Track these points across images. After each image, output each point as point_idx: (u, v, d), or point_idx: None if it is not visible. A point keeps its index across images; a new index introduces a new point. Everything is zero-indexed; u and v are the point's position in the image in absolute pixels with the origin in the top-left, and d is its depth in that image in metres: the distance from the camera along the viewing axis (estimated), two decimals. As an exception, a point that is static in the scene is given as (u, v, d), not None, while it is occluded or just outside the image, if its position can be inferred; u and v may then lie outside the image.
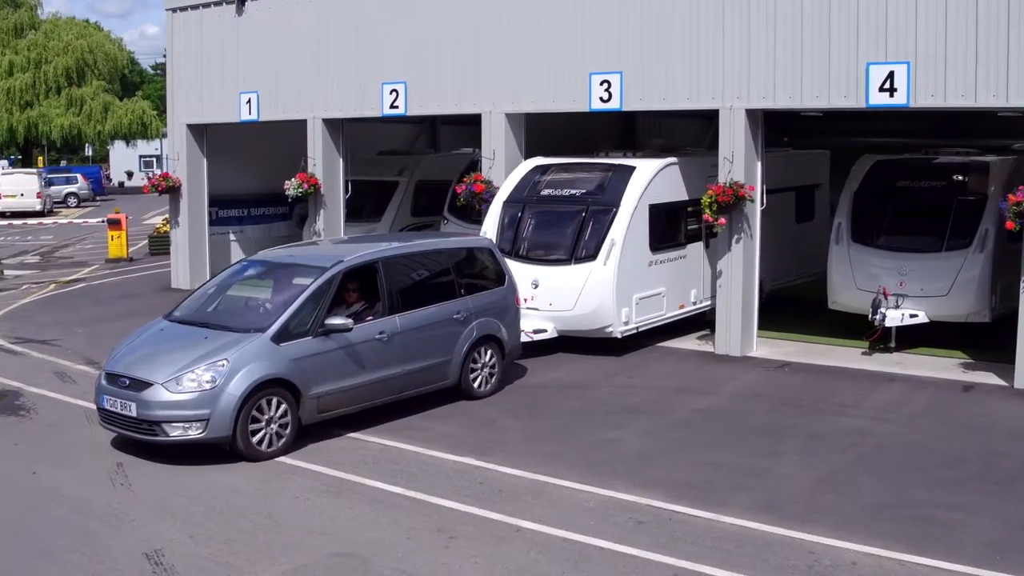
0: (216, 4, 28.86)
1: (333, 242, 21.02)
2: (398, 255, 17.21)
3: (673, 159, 22.21)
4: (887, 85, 18.78)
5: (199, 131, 29.97)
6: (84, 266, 37.20)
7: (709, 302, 22.59)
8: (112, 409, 14.71)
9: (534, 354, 20.31)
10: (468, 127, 27.12)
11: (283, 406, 14.85)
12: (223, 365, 14.44)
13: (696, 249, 22.67)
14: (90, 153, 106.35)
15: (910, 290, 20.41)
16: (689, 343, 21.99)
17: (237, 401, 14.32)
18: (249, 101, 27.91)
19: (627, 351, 20.87)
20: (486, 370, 17.93)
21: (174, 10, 30.13)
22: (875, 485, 13.50)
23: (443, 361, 17.13)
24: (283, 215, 32.80)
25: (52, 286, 31.94)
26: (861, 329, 20.80)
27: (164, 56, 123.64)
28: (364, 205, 29.03)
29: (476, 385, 17.77)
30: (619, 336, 20.55)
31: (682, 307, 22.34)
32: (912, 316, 20.31)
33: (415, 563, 11.13)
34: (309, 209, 27.51)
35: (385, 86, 25.07)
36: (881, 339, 20.70)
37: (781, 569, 10.93)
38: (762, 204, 20.87)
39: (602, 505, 12.77)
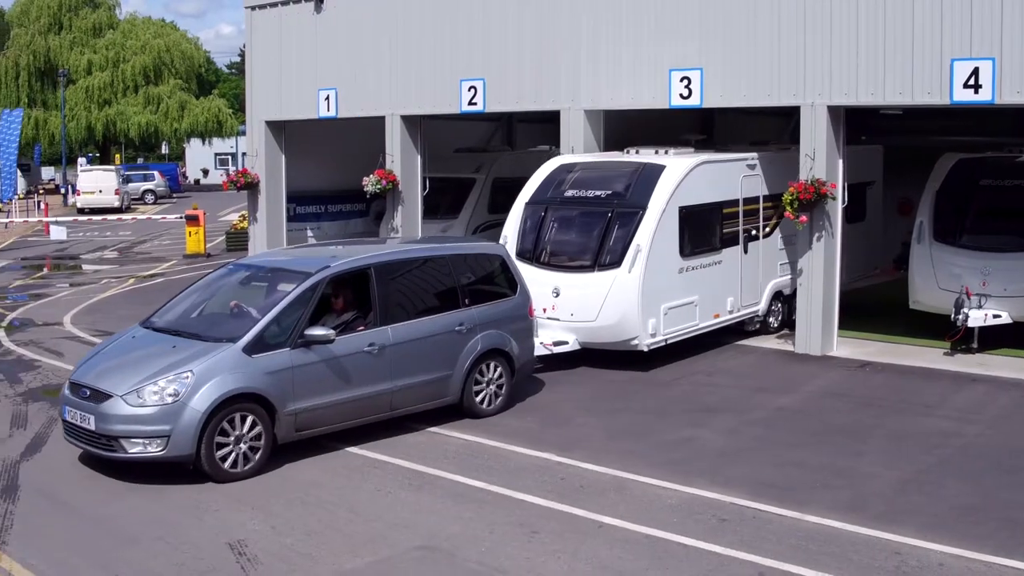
0: (295, 1, 29.03)
1: (335, 245, 19.50)
2: (394, 261, 16.06)
3: (706, 157, 21.02)
4: (971, 82, 18.52)
5: (278, 128, 30.18)
6: (162, 261, 37.61)
7: (749, 310, 21.76)
8: (72, 421, 13.85)
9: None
10: (544, 124, 27.08)
11: (254, 423, 13.76)
12: (187, 377, 13.40)
13: (733, 254, 21.23)
14: (166, 151, 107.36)
15: (993, 290, 20.12)
16: (769, 342, 21.82)
17: (201, 417, 13.27)
18: (328, 98, 28.04)
19: (705, 349, 20.73)
20: (492, 387, 16.65)
21: (253, 8, 30.35)
22: (961, 486, 13.31)
23: (442, 376, 15.92)
24: (360, 212, 32.90)
25: (131, 281, 32.32)
26: (943, 329, 20.52)
27: (239, 55, 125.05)
28: (441, 202, 29.04)
29: (480, 402, 16.48)
30: (645, 349, 19.12)
31: (717, 316, 20.89)
32: (995, 316, 20.00)
33: (498, 557, 11.12)
34: (386, 206, 27.61)
35: (463, 83, 25.10)
36: (963, 340, 20.39)
37: (867, 569, 10.80)
38: (843, 202, 20.65)
39: (684, 502, 12.69)
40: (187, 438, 13.27)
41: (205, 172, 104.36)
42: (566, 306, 19.27)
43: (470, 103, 25.13)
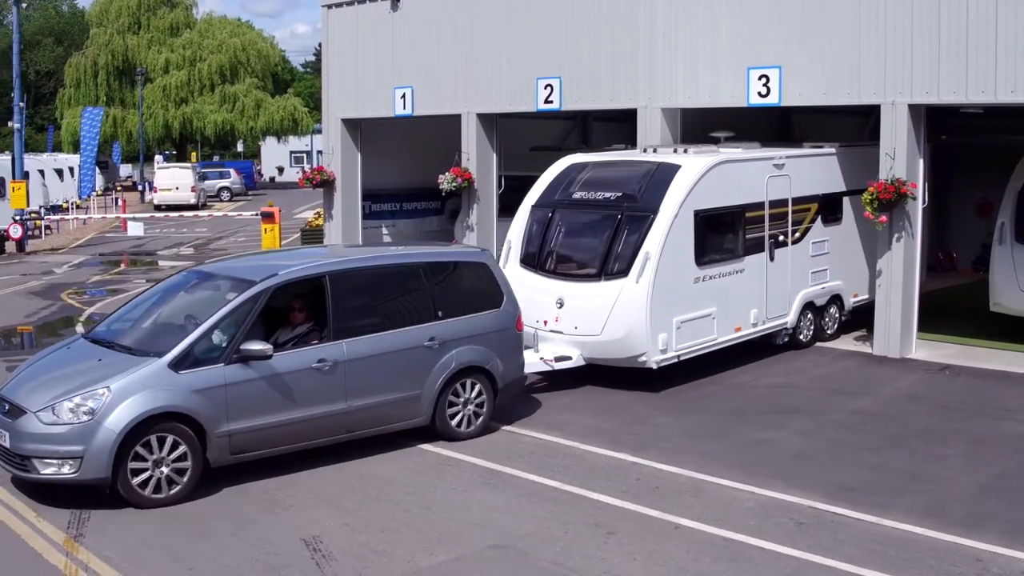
0: (371, 0, 29.10)
1: (300, 252, 18.39)
2: (353, 269, 14.87)
3: (726, 156, 19.43)
4: (1055, 80, 18.20)
5: (353, 125, 30.30)
6: (238, 258, 37.81)
7: (776, 323, 20.22)
8: None
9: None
10: (619, 124, 26.93)
11: (175, 444, 12.71)
12: (103, 394, 12.44)
13: (757, 262, 19.68)
14: (242, 149, 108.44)
15: None
16: (846, 343, 21.54)
17: (116, 437, 12.28)
18: (404, 96, 28.09)
19: (782, 350, 20.49)
20: (470, 407, 15.33)
21: (330, 6, 30.47)
22: (1045, 492, 13.08)
23: (409, 396, 14.69)
24: (435, 210, 32.94)
25: (208, 277, 32.45)
26: (1024, 332, 20.20)
27: (314, 54, 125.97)
28: (517, 200, 28.94)
29: (456, 425, 15.22)
30: (654, 367, 17.65)
31: (739, 330, 19.33)
32: None
33: (573, 557, 11.06)
34: (462, 204, 27.61)
35: (540, 81, 25.03)
36: (1046, 342, 20.07)
37: (948, 576, 10.65)
38: (924, 202, 20.35)
39: (761, 505, 12.58)
40: (102, 460, 12.28)
41: (280, 170, 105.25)
42: (570, 318, 17.99)
43: (546, 101, 25.07)
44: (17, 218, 41.49)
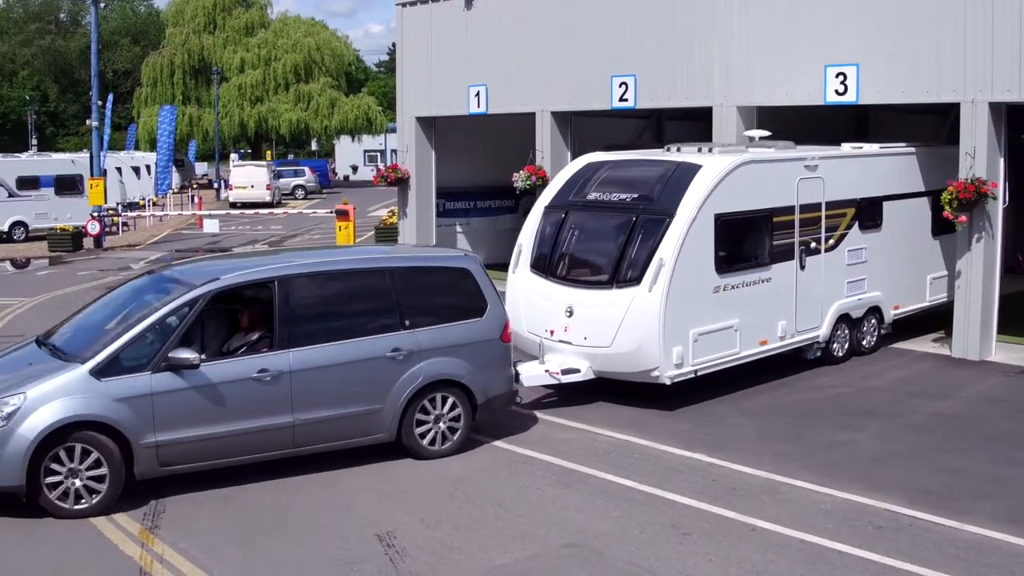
0: (446, -2, 29.21)
1: (277, 254, 17.51)
2: (307, 274, 14.00)
3: (752, 156, 18.27)
4: None
5: (428, 124, 30.39)
6: (312, 256, 38.00)
7: (806, 336, 18.95)
8: None
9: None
10: (693, 122, 26.82)
11: (85, 453, 12.16)
12: (19, 400, 12.01)
13: (785, 270, 18.44)
14: (316, 147, 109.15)
15: None
16: (924, 345, 21.27)
17: (29, 445, 11.84)
18: (478, 94, 28.14)
19: (857, 353, 20.21)
20: (443, 424, 14.36)
21: (404, 4, 30.61)
22: None
23: (368, 410, 13.81)
24: (509, 208, 32.93)
25: (282, 274, 32.67)
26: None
27: (388, 53, 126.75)
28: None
29: (427, 442, 14.25)
30: (668, 383, 16.48)
31: (764, 343, 18.08)
32: None
33: (648, 558, 10.99)
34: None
35: (615, 79, 24.95)
36: None
37: (1030, 582, 10.48)
38: (1004, 201, 20.03)
39: (839, 507, 12.43)
40: (14, 468, 11.84)
41: (354, 168, 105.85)
42: (579, 328, 16.90)
43: (621, 99, 24.99)
44: (95, 215, 41.99)
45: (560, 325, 17.05)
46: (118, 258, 38.68)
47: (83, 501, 12.17)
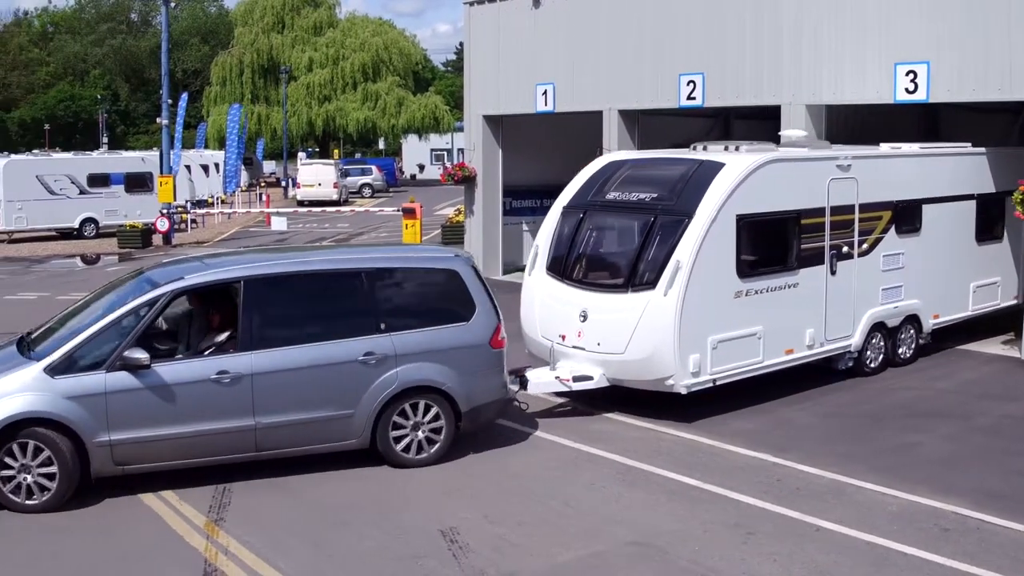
0: (513, -3, 29.22)
1: (252, 253, 17.22)
2: (276, 275, 13.73)
3: (780, 155, 17.51)
4: None
5: (495, 122, 30.42)
6: (378, 254, 38.17)
7: (837, 345, 18.07)
8: None
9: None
10: (762, 121, 26.62)
11: (37, 450, 12.16)
12: None
13: (814, 276, 17.55)
14: (383, 146, 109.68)
15: None
16: (993, 347, 20.98)
17: None
18: (545, 93, 28.12)
19: (924, 354, 19.99)
20: (422, 432, 13.80)
21: (472, 3, 30.65)
22: None
23: (337, 416, 13.37)
24: (576, 206, 32.86)
25: (349, 272, 32.86)
26: None
27: (455, 53, 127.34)
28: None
29: (403, 450, 13.75)
30: (684, 392, 15.70)
31: (791, 352, 17.21)
32: None
33: (712, 557, 10.94)
34: (602, 201, 27.50)
35: (682, 77, 24.85)
36: None
37: (1102, 588, 10.32)
38: None
39: (905, 509, 12.30)
40: None
41: (421, 167, 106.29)
42: (593, 333, 16.19)
43: (689, 97, 24.89)
44: (164, 212, 42.42)
45: (574, 330, 16.38)
46: (186, 255, 38.95)
47: (34, 497, 12.21)
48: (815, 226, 17.47)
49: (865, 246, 18.44)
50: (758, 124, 27.88)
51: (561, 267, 17.08)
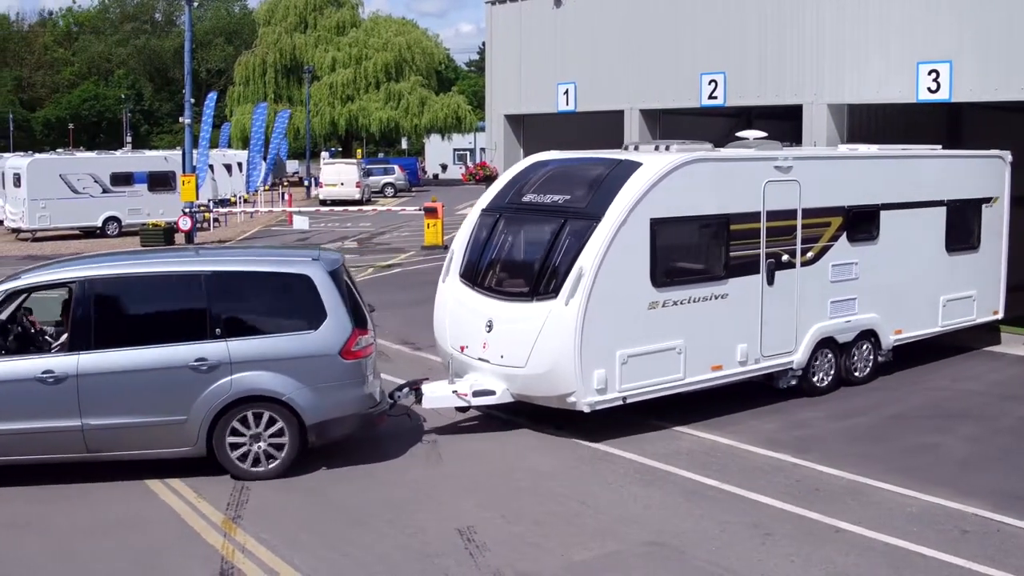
0: (535, -4, 29.19)
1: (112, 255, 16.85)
2: (111, 277, 13.40)
3: (704, 155, 16.10)
4: None
5: (516, 121, 30.43)
6: (400, 252, 38.34)
7: (775, 361, 16.82)
8: None
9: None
10: (784, 121, 26.53)
11: None
12: None
13: (748, 286, 16.30)
14: (406, 146, 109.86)
15: None
16: (1016, 348, 20.90)
17: None
18: (567, 92, 28.11)
19: (949, 354, 19.88)
20: (262, 444, 13.24)
21: (493, 3, 30.65)
22: None
23: (170, 421, 12.95)
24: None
25: (370, 270, 33.03)
26: None
27: (478, 53, 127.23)
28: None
29: (238, 459, 13.22)
30: (586, 410, 14.63)
31: (718, 369, 16.01)
32: None
33: (729, 557, 10.89)
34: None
35: (704, 76, 24.80)
36: None
37: (1124, 591, 10.23)
38: None
39: (925, 511, 12.22)
40: None
41: (443, 167, 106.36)
42: (498, 344, 15.21)
43: (710, 97, 24.83)
44: (186, 211, 42.48)
45: (480, 341, 15.45)
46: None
47: None
48: (748, 232, 16.29)
49: (810, 254, 17.19)
50: (781, 124, 27.79)
51: (473, 273, 16.16)
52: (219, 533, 11.57)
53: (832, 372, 17.72)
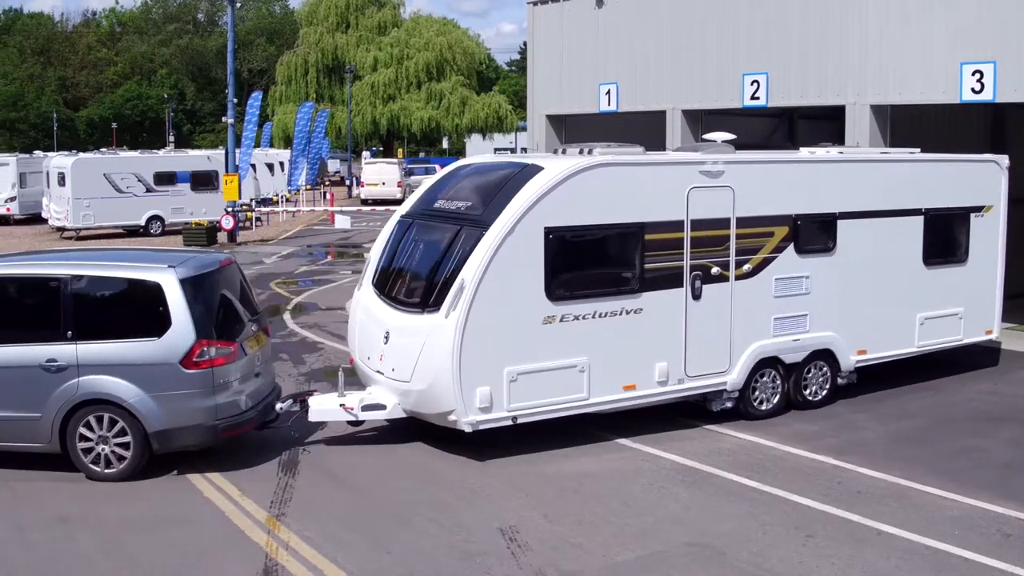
0: (577, -4, 29.19)
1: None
2: None
3: (613, 159, 14.92)
4: None
5: (558, 121, 30.42)
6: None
7: (705, 382, 15.66)
8: None
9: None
10: (827, 121, 26.47)
11: None
12: None
13: (667, 300, 15.15)
14: (447, 145, 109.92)
15: None
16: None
17: None
18: (608, 92, 28.10)
19: (991, 358, 19.75)
20: (108, 446, 13.25)
21: (535, 3, 30.66)
22: None
23: (24, 418, 13.21)
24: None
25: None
26: None
27: (519, 53, 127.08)
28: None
29: (92, 462, 13.29)
30: (468, 429, 13.83)
31: (631, 388, 14.94)
32: None
33: (770, 559, 10.89)
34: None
35: (746, 77, 24.73)
36: None
37: None
38: None
39: (967, 514, 12.19)
40: None
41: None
42: (390, 357, 14.68)
43: (752, 97, 24.76)
44: (229, 210, 42.76)
45: (378, 352, 14.97)
46: (251, 252, 39.34)
47: None
48: (668, 242, 15.17)
49: (747, 267, 15.95)
50: (824, 125, 27.72)
51: (381, 282, 15.62)
52: (263, 531, 11.65)
53: (778, 395, 16.39)
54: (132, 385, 13.13)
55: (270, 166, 62.51)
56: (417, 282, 15.02)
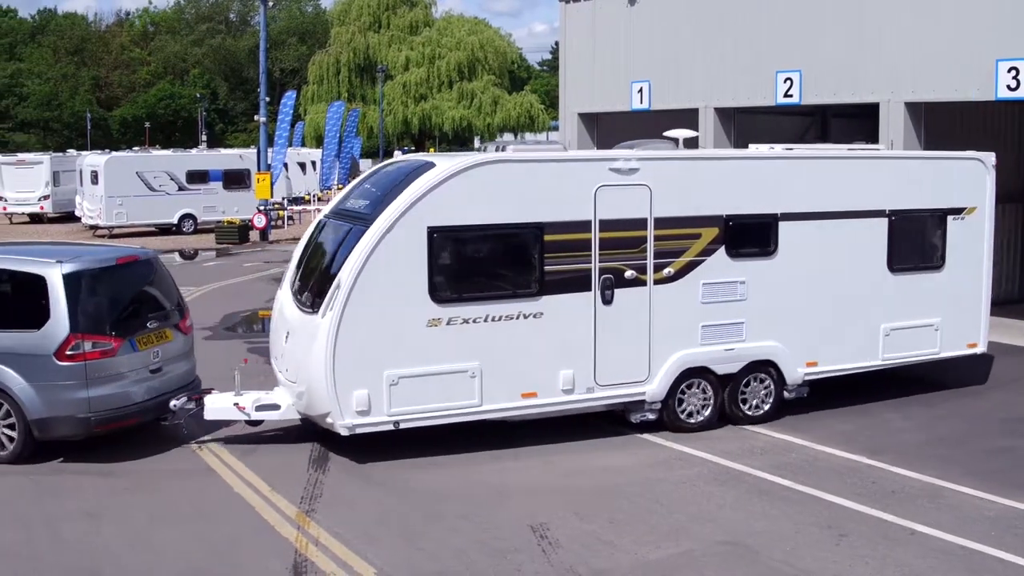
0: (609, -6, 29.12)
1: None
2: None
3: (507, 156, 14.57)
4: None
5: (590, 120, 30.37)
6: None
7: (620, 392, 14.91)
8: None
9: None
10: (861, 120, 26.28)
11: None
12: None
13: (572, 304, 14.47)
14: (478, 144, 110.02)
15: None
16: (1096, 351, 20.52)
17: None
18: (640, 90, 28.01)
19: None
20: None
21: (567, 1, 30.63)
22: None
23: None
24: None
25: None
26: None
27: (551, 52, 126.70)
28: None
29: None
30: (345, 433, 13.54)
31: (531, 396, 14.34)
32: None
33: (803, 558, 10.81)
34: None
35: (779, 74, 24.59)
36: None
37: None
38: None
39: (1003, 515, 12.06)
40: None
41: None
42: (287, 357, 14.62)
43: (786, 95, 24.61)
44: (261, 208, 42.89)
45: (281, 351, 14.89)
46: (283, 251, 39.40)
47: None
48: (573, 243, 14.49)
49: (669, 270, 15.07)
50: (858, 123, 27.52)
51: (293, 282, 15.26)
52: (293, 526, 11.64)
53: (711, 407, 15.47)
54: (15, 374, 13.62)
55: (302, 165, 62.64)
56: (312, 282, 14.67)
